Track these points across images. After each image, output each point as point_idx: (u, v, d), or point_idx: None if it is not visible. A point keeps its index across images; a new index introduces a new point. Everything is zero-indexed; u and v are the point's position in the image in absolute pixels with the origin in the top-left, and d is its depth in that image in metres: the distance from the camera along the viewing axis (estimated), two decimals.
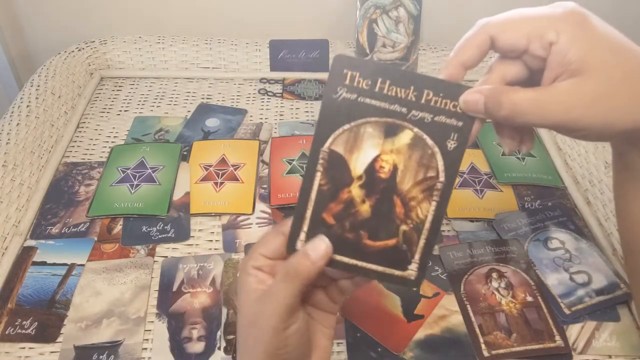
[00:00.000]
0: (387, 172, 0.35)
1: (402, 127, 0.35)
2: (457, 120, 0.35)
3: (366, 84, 0.34)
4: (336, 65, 0.34)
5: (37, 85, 0.72)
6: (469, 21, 0.96)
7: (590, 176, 0.66)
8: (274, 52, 0.84)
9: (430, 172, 0.35)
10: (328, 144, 0.35)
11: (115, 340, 0.48)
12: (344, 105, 0.35)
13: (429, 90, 0.34)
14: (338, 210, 0.36)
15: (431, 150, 0.35)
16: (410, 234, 0.36)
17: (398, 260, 0.36)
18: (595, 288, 0.54)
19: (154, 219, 0.59)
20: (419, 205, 0.35)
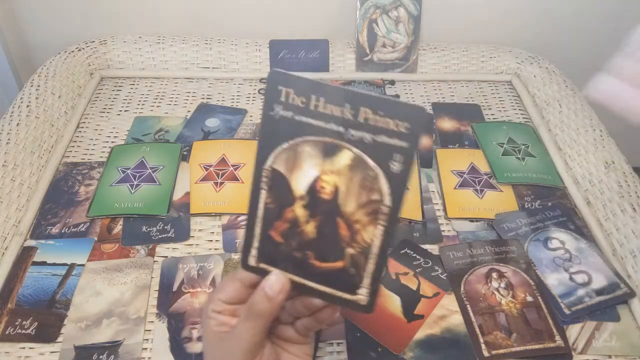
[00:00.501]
0: (329, 193, 0.34)
1: (341, 147, 0.33)
2: (399, 140, 0.31)
3: (301, 101, 0.33)
4: (270, 81, 0.33)
5: (37, 85, 0.72)
6: (469, 21, 0.96)
7: (590, 176, 0.66)
8: (274, 52, 0.84)
9: (373, 195, 0.33)
10: (270, 162, 0.34)
11: (115, 340, 0.48)
12: (281, 123, 0.33)
13: (365, 108, 0.32)
14: (284, 228, 0.35)
15: (373, 172, 0.32)
16: (358, 257, 0.34)
17: (346, 283, 0.35)
18: (595, 288, 0.54)
19: (154, 219, 0.59)
20: (364, 229, 0.33)
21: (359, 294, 0.35)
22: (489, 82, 0.86)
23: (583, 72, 0.99)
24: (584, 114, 0.74)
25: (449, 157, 0.70)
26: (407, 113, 0.31)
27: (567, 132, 0.72)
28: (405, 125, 0.31)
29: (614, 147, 0.69)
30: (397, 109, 0.31)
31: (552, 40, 0.95)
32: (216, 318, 0.37)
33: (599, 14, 0.93)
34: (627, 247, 0.57)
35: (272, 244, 0.35)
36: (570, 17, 0.93)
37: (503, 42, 0.90)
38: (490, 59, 0.87)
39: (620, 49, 0.52)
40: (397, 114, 0.31)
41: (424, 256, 0.57)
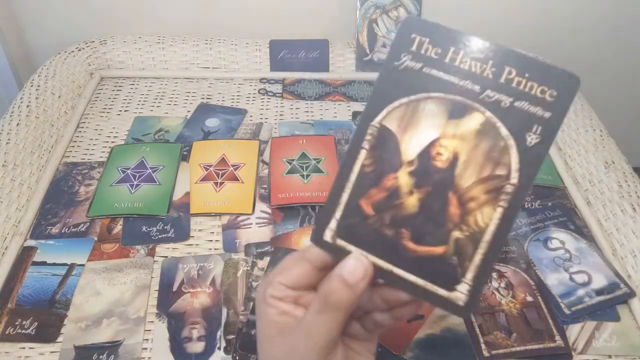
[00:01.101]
0: (445, 161, 0.29)
1: (472, 108, 0.28)
2: (543, 109, 0.28)
3: (436, 52, 0.29)
4: (404, 28, 0.29)
5: (37, 85, 0.72)
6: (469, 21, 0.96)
7: (590, 176, 0.66)
8: (274, 52, 0.84)
9: (499, 170, 0.28)
10: (380, 118, 0.29)
11: (115, 340, 0.48)
12: (405, 75, 0.29)
13: (511, 67, 0.28)
14: (379, 198, 0.29)
15: (504, 143, 0.28)
16: (465, 244, 0.29)
17: (444, 275, 0.29)
18: (595, 288, 0.54)
19: (154, 219, 0.59)
20: (480, 209, 0.28)
21: (458, 290, 0.29)
22: None
23: (583, 72, 0.99)
24: (584, 114, 0.74)
25: None
26: (558, 79, 0.28)
27: (567, 132, 0.72)
28: (553, 93, 0.28)
29: (614, 147, 0.69)
30: (547, 73, 0.28)
31: (552, 40, 0.95)
32: (277, 306, 0.30)
33: (599, 14, 0.93)
34: (627, 247, 0.57)
35: (360, 216, 0.30)
36: (569, 17, 0.93)
37: (503, 42, 0.90)
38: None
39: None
40: (547, 79, 0.28)
41: None
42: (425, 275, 0.29)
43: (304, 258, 0.31)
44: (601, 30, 0.95)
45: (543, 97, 0.28)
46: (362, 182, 0.30)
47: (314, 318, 0.29)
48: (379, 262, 0.30)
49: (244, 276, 0.54)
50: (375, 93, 0.30)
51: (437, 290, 0.29)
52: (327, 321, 0.29)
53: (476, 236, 0.28)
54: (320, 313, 0.29)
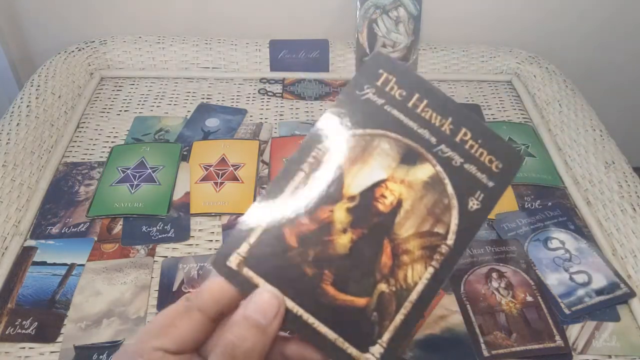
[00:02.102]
0: (389, 205, 0.27)
1: (425, 159, 0.28)
2: (488, 178, 0.28)
3: (400, 94, 0.28)
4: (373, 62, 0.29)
5: (37, 85, 0.72)
6: (469, 21, 0.97)
7: (590, 176, 0.66)
8: (274, 52, 0.84)
9: (438, 227, 0.27)
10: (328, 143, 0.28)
11: (115, 340, 0.48)
12: (365, 107, 0.28)
13: (468, 130, 0.28)
14: (308, 230, 0.26)
15: (448, 201, 0.27)
16: (388, 300, 0.26)
17: (360, 332, 0.26)
18: (595, 288, 0.54)
19: (154, 219, 0.59)
20: (412, 265, 0.27)
21: (371, 352, 0.25)
22: (489, 82, 0.86)
23: (583, 72, 0.99)
24: (584, 114, 0.74)
25: None
26: (504, 153, 0.28)
27: (567, 132, 0.72)
28: (499, 165, 0.28)
29: (614, 147, 0.69)
30: (497, 144, 0.28)
31: (552, 40, 0.95)
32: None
33: (599, 13, 0.93)
34: (627, 247, 0.57)
35: (279, 245, 0.26)
36: (570, 17, 0.93)
37: (503, 42, 0.90)
38: (490, 59, 0.87)
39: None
40: (495, 150, 0.28)
41: None
42: (338, 329, 0.25)
43: (192, 308, 0.24)
44: (601, 30, 0.95)
45: (490, 166, 0.28)
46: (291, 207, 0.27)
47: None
48: (289, 304, 0.25)
49: None
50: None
51: (347, 349, 0.25)
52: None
53: (402, 294, 0.26)
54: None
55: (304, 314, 0.25)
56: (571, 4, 0.91)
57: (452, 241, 0.27)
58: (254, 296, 0.24)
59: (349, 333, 0.26)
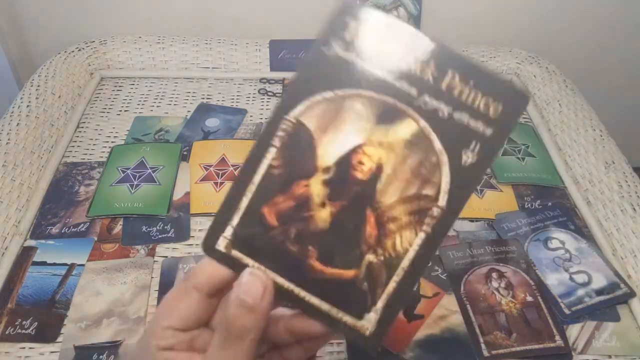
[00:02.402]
0: (367, 172, 0.25)
1: (405, 114, 0.25)
2: (485, 125, 0.24)
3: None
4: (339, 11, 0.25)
5: (37, 85, 0.72)
6: (469, 21, 0.96)
7: (590, 176, 0.66)
8: (274, 52, 0.84)
9: (427, 189, 0.25)
10: (297, 112, 0.25)
11: (115, 340, 0.48)
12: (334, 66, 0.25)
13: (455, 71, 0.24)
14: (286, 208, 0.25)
15: (437, 158, 0.25)
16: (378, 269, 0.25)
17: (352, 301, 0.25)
18: (595, 288, 0.54)
19: (154, 219, 0.59)
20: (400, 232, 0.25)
21: (365, 319, 0.25)
22: None
23: (583, 72, 0.99)
24: (584, 114, 0.74)
25: None
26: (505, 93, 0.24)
27: (567, 132, 0.72)
28: (498, 108, 0.24)
29: (614, 147, 0.69)
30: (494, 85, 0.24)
31: (552, 40, 0.95)
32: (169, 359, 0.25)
33: (599, 13, 0.93)
34: (627, 247, 0.57)
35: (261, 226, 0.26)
36: (570, 17, 0.93)
37: (503, 42, 0.90)
38: (490, 59, 0.87)
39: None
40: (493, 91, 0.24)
41: None
42: (330, 300, 0.26)
43: (189, 288, 0.26)
44: (601, 30, 0.95)
45: (486, 111, 0.24)
46: (267, 186, 0.25)
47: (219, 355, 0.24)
48: (279, 280, 0.26)
49: None
50: (295, 82, 0.25)
51: (342, 317, 0.26)
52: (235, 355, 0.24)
53: (392, 262, 0.25)
54: (225, 348, 0.24)
55: (294, 289, 0.26)
56: (571, 4, 0.91)
57: (444, 202, 0.25)
58: (241, 278, 0.25)
59: (342, 303, 0.25)
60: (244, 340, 0.24)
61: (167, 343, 0.25)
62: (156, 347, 0.25)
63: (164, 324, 0.26)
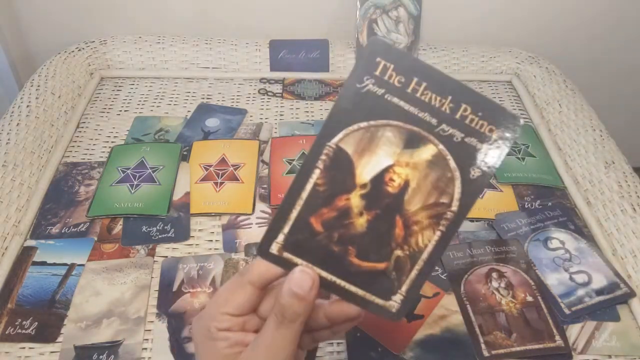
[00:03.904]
0: (397, 187, 0.31)
1: (427, 140, 0.30)
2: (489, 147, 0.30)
3: (399, 80, 0.29)
4: (370, 50, 0.29)
5: (37, 85, 0.72)
6: (469, 21, 0.96)
7: (590, 176, 0.66)
8: (274, 52, 0.84)
9: (443, 198, 0.31)
10: (337, 139, 0.30)
11: (115, 340, 0.48)
12: (367, 99, 0.30)
13: (468, 105, 0.30)
14: (330, 217, 0.31)
15: (451, 174, 0.30)
16: (404, 261, 0.31)
17: (383, 287, 0.32)
18: (595, 288, 0.54)
19: (154, 219, 0.59)
20: (422, 232, 0.31)
21: (393, 300, 0.32)
22: (489, 82, 0.86)
23: (583, 72, 0.99)
24: (584, 114, 0.74)
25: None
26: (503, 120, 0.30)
27: (567, 132, 0.72)
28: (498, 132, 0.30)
29: (614, 147, 0.69)
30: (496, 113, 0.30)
31: (552, 40, 0.95)
32: (227, 338, 0.31)
33: (599, 13, 0.93)
34: (627, 247, 0.57)
35: (309, 232, 0.31)
36: (570, 17, 0.93)
37: (503, 42, 0.90)
38: (490, 59, 0.87)
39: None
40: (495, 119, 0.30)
41: None
42: (365, 287, 0.32)
43: (244, 282, 0.32)
44: (601, 30, 0.95)
45: (490, 135, 0.30)
46: (313, 201, 0.31)
47: (274, 334, 0.30)
48: (324, 275, 0.31)
49: None
50: (334, 113, 0.30)
51: (374, 299, 0.32)
52: (287, 335, 0.30)
53: (415, 255, 0.31)
54: (279, 328, 0.30)
55: (337, 280, 0.31)
56: (571, 4, 0.91)
57: (456, 207, 0.31)
58: (293, 274, 0.31)
59: (374, 289, 0.32)
60: (295, 322, 0.30)
61: (224, 325, 0.31)
62: (216, 329, 0.31)
63: (222, 310, 0.32)
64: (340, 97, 0.30)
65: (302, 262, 0.31)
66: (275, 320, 0.30)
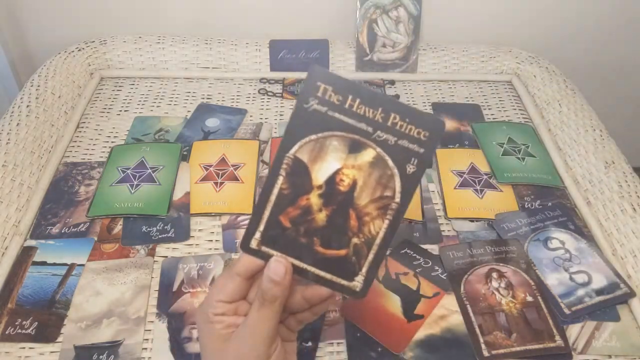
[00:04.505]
0: (347, 185, 0.36)
1: (366, 145, 0.36)
2: (419, 146, 0.36)
3: (337, 99, 0.35)
4: (311, 76, 0.35)
5: (37, 85, 0.72)
6: (469, 21, 0.97)
7: (590, 176, 0.66)
8: (274, 52, 0.84)
9: (387, 192, 0.36)
10: (293, 151, 0.36)
11: (115, 340, 0.48)
12: (313, 116, 0.36)
13: (396, 114, 0.35)
14: (295, 214, 0.37)
15: (391, 172, 0.36)
16: (361, 247, 0.37)
17: (346, 270, 0.37)
18: (595, 288, 0.54)
19: (154, 219, 0.59)
20: (373, 222, 0.37)
21: (356, 280, 0.37)
22: (489, 82, 0.86)
23: (583, 72, 0.99)
24: (584, 114, 0.74)
25: (449, 157, 0.70)
26: (428, 123, 0.35)
27: (567, 132, 0.72)
28: (425, 134, 0.35)
29: (614, 147, 0.69)
30: (421, 119, 0.35)
31: (552, 40, 0.95)
32: (222, 321, 0.37)
33: (599, 13, 0.93)
34: (627, 247, 0.57)
35: (280, 228, 0.37)
36: (570, 17, 0.93)
37: (503, 42, 0.90)
38: (490, 59, 0.87)
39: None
40: (421, 123, 0.35)
41: (424, 256, 0.57)
42: (331, 271, 0.37)
43: (233, 274, 0.37)
44: (601, 30, 0.95)
45: (419, 137, 0.36)
46: (280, 202, 0.37)
47: (256, 315, 0.36)
48: (296, 262, 0.37)
49: None
50: (289, 129, 0.36)
51: (340, 281, 0.38)
52: (267, 314, 0.36)
53: (370, 241, 0.37)
54: (260, 310, 0.36)
55: (307, 267, 0.37)
56: (571, 4, 0.91)
57: (398, 199, 0.37)
58: (269, 264, 0.36)
59: (339, 272, 0.37)
60: (274, 304, 0.35)
61: (219, 311, 0.37)
62: (212, 314, 0.37)
63: (216, 298, 0.37)
64: (292, 116, 0.36)
65: (277, 253, 0.37)
66: (258, 303, 0.36)
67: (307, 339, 0.49)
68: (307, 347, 0.48)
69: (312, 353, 0.48)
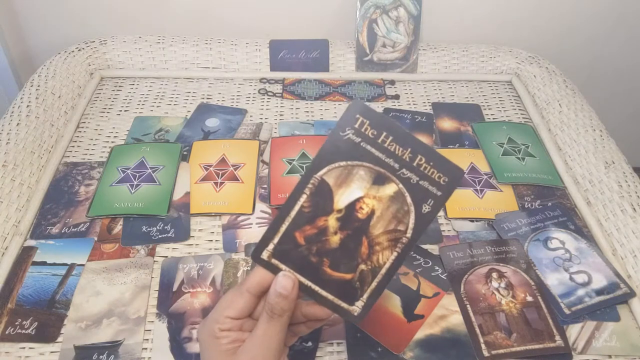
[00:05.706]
0: (365, 214, 0.38)
1: (390, 179, 0.38)
2: (437, 189, 0.38)
3: (372, 133, 0.38)
4: (352, 108, 0.38)
5: (37, 85, 0.72)
6: (469, 21, 0.97)
7: (590, 176, 0.66)
8: (274, 52, 0.84)
9: (401, 226, 0.38)
10: (321, 173, 0.38)
11: (115, 340, 0.48)
12: (346, 145, 0.38)
13: (422, 156, 0.38)
14: (311, 233, 0.38)
15: (408, 208, 0.38)
16: (367, 274, 0.39)
17: (349, 294, 0.39)
18: (595, 288, 0.54)
19: (154, 219, 0.59)
20: (382, 251, 0.38)
21: (356, 305, 0.39)
22: (489, 82, 0.86)
23: (583, 72, 0.99)
24: (584, 114, 0.74)
25: (449, 157, 0.69)
26: (450, 171, 0.38)
27: (567, 132, 0.72)
28: (445, 179, 0.38)
29: (614, 147, 0.69)
30: (444, 165, 0.38)
31: (552, 40, 0.95)
32: (228, 336, 0.38)
33: (599, 13, 0.93)
34: (627, 247, 0.57)
35: (293, 244, 0.38)
36: (570, 17, 0.93)
37: (503, 42, 0.90)
38: (490, 59, 0.87)
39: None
40: (443, 169, 0.38)
41: (424, 256, 0.57)
42: (334, 293, 0.39)
43: (243, 291, 0.38)
44: (601, 30, 0.95)
45: (439, 181, 0.38)
46: (299, 219, 0.38)
47: (266, 327, 0.37)
48: (302, 280, 0.38)
49: (244, 276, 0.54)
50: (321, 152, 0.38)
51: (341, 303, 0.39)
52: (276, 327, 0.37)
53: (376, 269, 0.39)
54: (270, 322, 0.37)
55: (312, 285, 0.39)
56: (571, 4, 0.91)
57: (410, 234, 0.38)
58: (277, 278, 0.38)
59: (342, 295, 0.39)
60: (282, 317, 0.37)
61: (226, 326, 0.38)
62: (219, 329, 0.38)
63: (224, 314, 0.38)
64: (327, 141, 0.38)
65: (286, 268, 0.38)
66: (266, 316, 0.37)
67: (307, 339, 0.49)
68: (307, 347, 0.48)
69: (312, 353, 0.48)
